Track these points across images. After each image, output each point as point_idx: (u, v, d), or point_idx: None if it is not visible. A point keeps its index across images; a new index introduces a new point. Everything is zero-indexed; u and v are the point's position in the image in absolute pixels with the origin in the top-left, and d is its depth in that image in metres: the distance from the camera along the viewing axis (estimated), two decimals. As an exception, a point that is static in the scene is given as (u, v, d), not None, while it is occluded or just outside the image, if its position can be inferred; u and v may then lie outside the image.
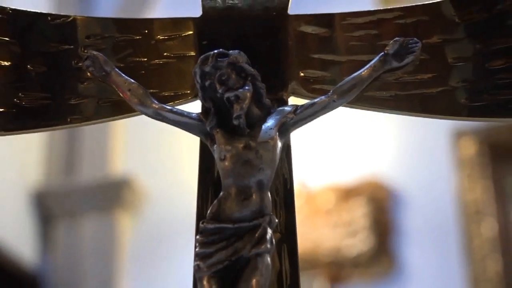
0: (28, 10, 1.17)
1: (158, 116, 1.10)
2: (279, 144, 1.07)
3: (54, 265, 4.24)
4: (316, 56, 1.14)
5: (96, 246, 4.26)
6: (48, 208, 4.31)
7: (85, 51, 1.14)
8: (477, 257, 3.87)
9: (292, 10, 1.17)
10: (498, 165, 4.08)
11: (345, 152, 4.15)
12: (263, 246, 1.02)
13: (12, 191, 4.16)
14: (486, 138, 4.03)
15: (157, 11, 4.46)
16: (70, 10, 4.44)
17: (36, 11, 1.17)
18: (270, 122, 1.07)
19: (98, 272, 4.19)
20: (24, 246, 4.15)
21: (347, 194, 4.09)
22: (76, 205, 4.34)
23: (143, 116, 1.12)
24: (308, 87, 1.14)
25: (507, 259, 3.91)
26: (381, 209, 4.03)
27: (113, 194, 4.31)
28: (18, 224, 4.16)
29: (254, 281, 1.01)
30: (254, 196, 1.04)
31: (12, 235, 4.05)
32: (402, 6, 1.14)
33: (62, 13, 1.20)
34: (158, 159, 4.37)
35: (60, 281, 4.20)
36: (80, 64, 1.14)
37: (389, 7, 1.15)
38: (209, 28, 1.16)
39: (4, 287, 4.10)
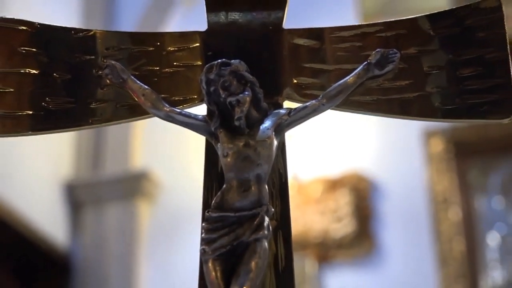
0: (54, 24, 1.13)
1: (169, 118, 1.08)
2: (275, 142, 1.05)
3: (82, 246, 4.23)
4: (307, 65, 1.12)
5: (119, 230, 4.24)
6: (78, 197, 4.30)
7: (105, 61, 1.12)
8: (445, 239, 3.86)
9: (286, 24, 1.14)
10: (462, 161, 4.07)
11: (332, 149, 4.13)
12: (261, 232, 1.00)
13: (47, 183, 4.15)
14: (451, 137, 4.04)
15: (171, 25, 4.42)
16: (96, 23, 4.40)
17: (61, 25, 1.14)
18: (267, 123, 1.05)
19: (120, 252, 4.18)
20: (57, 229, 4.14)
21: (333, 185, 4.07)
22: (101, 194, 4.32)
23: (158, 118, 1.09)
24: (301, 93, 1.11)
25: (469, 240, 3.90)
26: (362, 198, 4.02)
27: (133, 185, 4.30)
28: (52, 211, 4.15)
29: (253, 263, 0.98)
30: (253, 188, 1.01)
31: (47, 220, 4.04)
32: (383, 21, 1.11)
33: (89, 26, 1.17)
34: (171, 155, 4.35)
35: (88, 259, 4.19)
36: (100, 72, 1.11)
37: (371, 22, 1.12)
38: (214, 41, 1.14)
39: (40, 264, 4.10)
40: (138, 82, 1.09)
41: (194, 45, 1.13)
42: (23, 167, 3.91)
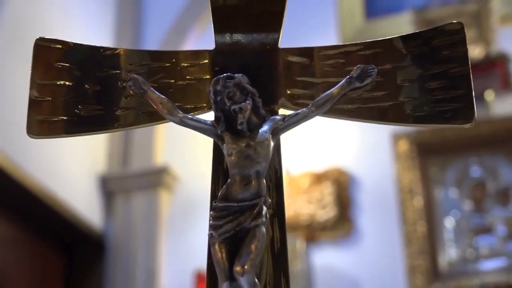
0: (86, 43, 1.09)
1: (182, 123, 1.04)
2: (272, 144, 1.01)
3: (114, 228, 4.19)
4: (299, 78, 1.08)
5: (144, 215, 4.20)
6: (110, 188, 4.26)
7: (128, 74, 1.07)
8: (410, 222, 3.83)
9: (281, 44, 1.10)
10: (424, 159, 4.04)
11: (317, 149, 4.10)
12: (260, 219, 0.96)
13: (85, 175, 4.12)
14: (415, 139, 4.01)
15: (187, 45, 4.39)
16: (125, 43, 4.37)
17: (92, 44, 1.09)
18: (265, 127, 1.01)
19: (145, 232, 4.14)
20: (93, 214, 4.11)
21: (319, 178, 4.04)
22: (130, 185, 4.28)
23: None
24: (293, 102, 1.07)
25: (430, 224, 3.87)
26: (342, 189, 3.98)
27: (156, 178, 4.26)
28: (89, 199, 4.12)
29: (253, 246, 0.95)
30: (253, 182, 0.98)
31: (85, 206, 4.01)
32: (363, 41, 1.08)
33: (119, 45, 1.13)
34: (187, 154, 4.31)
35: (119, 239, 4.15)
36: (124, 84, 1.07)
37: (353, 42, 1.08)
38: (220, 58, 1.10)
39: (79, 243, 4.07)
40: (157, 92, 1.05)
41: (204, 62, 1.10)
42: (66, 163, 3.88)
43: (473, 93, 0.99)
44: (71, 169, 3.94)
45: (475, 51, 3.77)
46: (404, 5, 4.24)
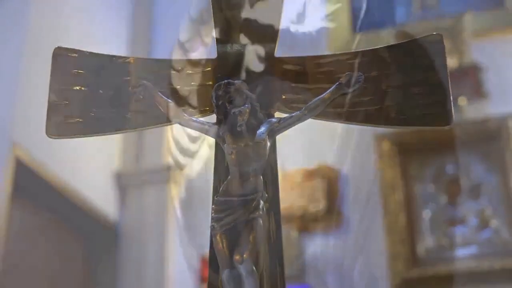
0: (100, 53, 1.07)
1: (187, 125, 1.03)
2: (268, 144, 1.00)
3: (127, 219, 4.16)
4: (293, 85, 1.06)
5: (154, 207, 4.17)
6: (124, 182, 4.23)
7: (138, 81, 1.05)
8: (392, 214, 3.82)
9: (277, 53, 1.08)
10: (404, 157, 4.02)
11: (310, 148, 4.07)
12: (257, 212, 0.95)
13: (102, 172, 4.09)
14: (396, 140, 3.99)
15: (193, 54, 4.36)
16: (138, 51, 4.34)
17: (106, 53, 1.07)
18: (262, 129, 1.00)
19: (156, 224, 4.11)
20: (109, 206, 4.08)
21: (310, 174, 4.01)
22: (142, 180, 4.25)
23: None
24: (288, 106, 1.06)
25: (409, 215, 3.85)
26: (332, 184, 3.96)
27: (165, 174, 4.23)
28: (105, 193, 4.09)
29: (251, 236, 0.94)
30: (251, 179, 0.96)
31: (101, 199, 3.98)
32: (351, 51, 1.06)
33: (134, 54, 1.10)
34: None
35: (131, 229, 4.12)
36: (135, 89, 1.05)
37: (342, 52, 1.06)
38: (222, 66, 1.08)
39: (96, 232, 4.04)
40: (164, 97, 1.04)
41: (207, 69, 1.08)
42: (85, 161, 3.85)
43: (451, 99, 0.97)
44: (89, 166, 3.92)
45: (449, 62, 3.75)
46: (387, 20, 4.23)
